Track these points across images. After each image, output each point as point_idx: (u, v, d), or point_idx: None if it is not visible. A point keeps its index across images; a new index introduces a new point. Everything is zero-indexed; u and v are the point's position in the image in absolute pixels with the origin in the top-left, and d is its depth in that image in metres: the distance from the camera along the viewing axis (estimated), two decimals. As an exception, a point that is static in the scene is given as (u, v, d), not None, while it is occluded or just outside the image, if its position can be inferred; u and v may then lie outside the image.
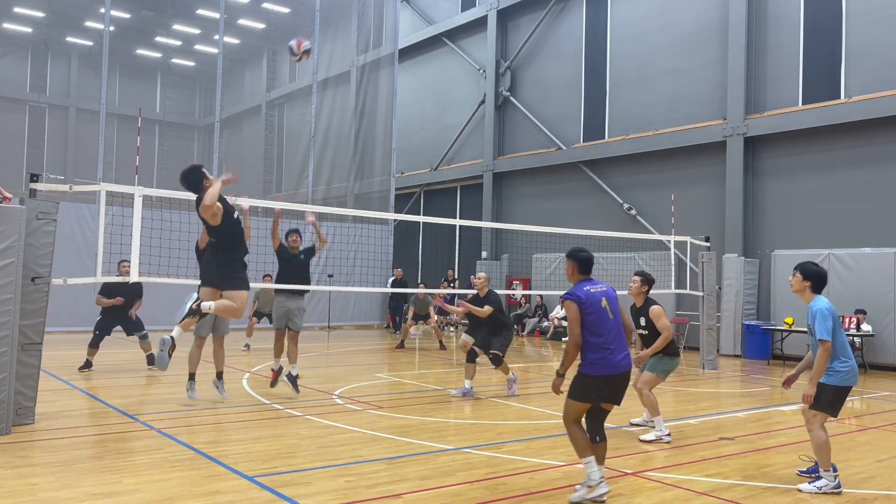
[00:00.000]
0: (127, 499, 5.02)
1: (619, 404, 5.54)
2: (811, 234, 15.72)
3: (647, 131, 18.97)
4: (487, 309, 9.78)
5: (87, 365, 11.36)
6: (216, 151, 22.58)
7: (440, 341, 16.68)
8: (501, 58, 23.60)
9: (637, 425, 7.96)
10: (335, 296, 21.69)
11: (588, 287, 5.44)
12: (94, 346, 11.43)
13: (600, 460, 5.30)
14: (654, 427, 7.48)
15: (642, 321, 7.73)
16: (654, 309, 7.68)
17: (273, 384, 9.72)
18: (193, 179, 6.92)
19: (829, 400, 5.70)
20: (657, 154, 18.83)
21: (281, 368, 9.62)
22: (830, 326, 5.66)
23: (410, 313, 17.03)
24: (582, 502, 5.15)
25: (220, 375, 9.00)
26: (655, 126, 18.82)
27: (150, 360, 11.86)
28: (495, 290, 10.33)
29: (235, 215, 7.18)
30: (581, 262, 5.57)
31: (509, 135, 23.42)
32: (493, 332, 9.88)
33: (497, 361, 9.81)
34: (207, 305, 6.71)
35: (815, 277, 6.06)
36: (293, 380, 9.24)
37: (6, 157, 27.74)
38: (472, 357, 9.82)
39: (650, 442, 7.26)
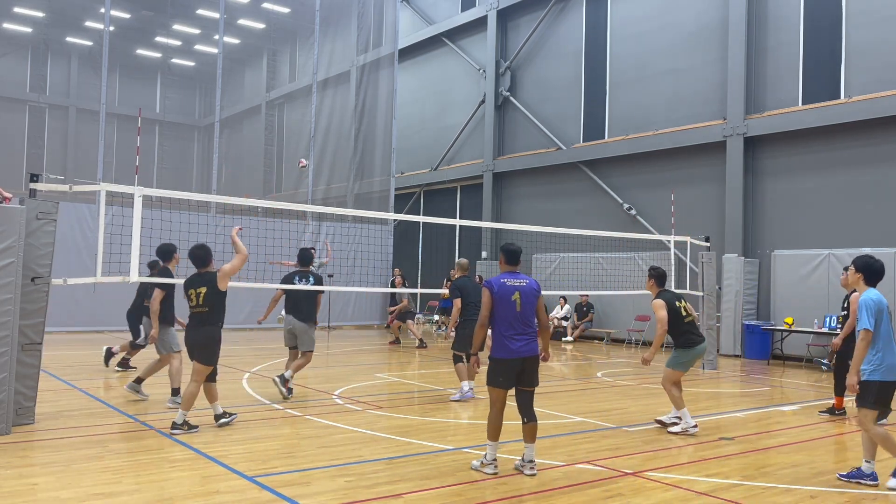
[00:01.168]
0: (127, 499, 5.02)
1: (532, 386, 5.98)
2: (811, 234, 15.72)
3: (647, 131, 18.97)
4: (455, 306, 9.32)
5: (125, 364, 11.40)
6: (216, 151, 22.58)
7: (419, 339, 16.53)
8: (501, 58, 23.60)
9: (661, 422, 8.08)
10: (335, 296, 21.68)
11: (505, 279, 5.99)
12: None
13: (529, 438, 5.90)
14: (680, 420, 7.79)
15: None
16: (654, 302, 7.88)
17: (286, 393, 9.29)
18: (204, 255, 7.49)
19: (872, 396, 5.73)
20: (657, 154, 18.83)
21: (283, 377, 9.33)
22: (872, 317, 5.70)
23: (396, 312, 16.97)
24: (478, 470, 5.89)
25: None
26: (655, 126, 18.82)
27: (107, 358, 11.74)
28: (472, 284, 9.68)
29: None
30: (508, 253, 6.14)
31: (509, 135, 23.42)
32: (461, 324, 9.38)
33: (455, 360, 9.53)
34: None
35: (865, 269, 6.07)
36: (284, 381, 9.11)
37: (6, 157, 27.74)
38: (456, 359, 9.58)
39: (677, 434, 7.64)
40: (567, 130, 21.39)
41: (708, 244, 15.12)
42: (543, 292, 6.38)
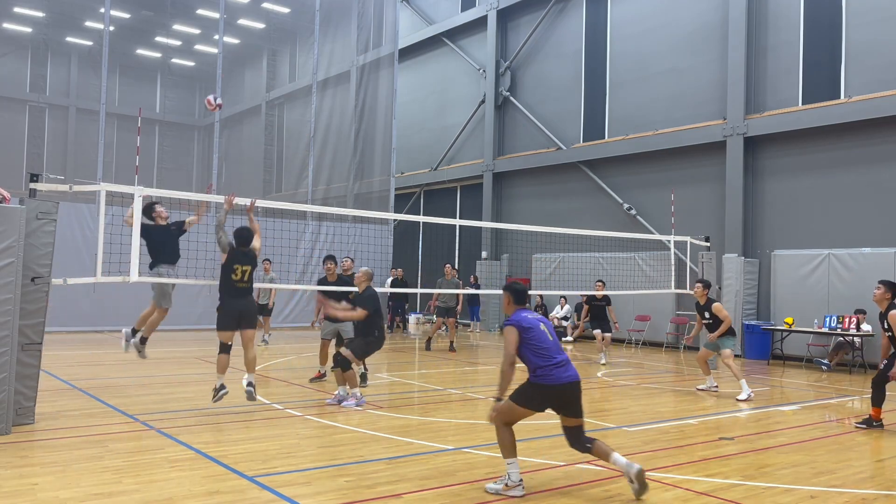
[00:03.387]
0: (127, 499, 5.02)
1: (577, 417, 5.60)
2: (811, 234, 15.72)
3: (647, 131, 18.97)
4: (360, 312, 8.68)
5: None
6: (216, 151, 22.57)
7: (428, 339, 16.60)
8: (501, 58, 23.60)
9: (701, 390, 10.71)
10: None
11: (526, 314, 5.74)
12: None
13: (604, 457, 5.46)
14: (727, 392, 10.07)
15: (706, 314, 10.67)
16: (716, 305, 10.62)
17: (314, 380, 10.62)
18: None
19: None
20: (657, 154, 18.83)
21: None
22: None
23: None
24: (501, 494, 5.37)
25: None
26: (655, 126, 18.82)
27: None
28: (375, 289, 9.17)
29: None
30: (515, 293, 5.91)
31: (509, 135, 23.42)
32: (362, 332, 8.87)
33: (343, 364, 8.67)
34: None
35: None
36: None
37: (6, 157, 27.72)
38: (347, 364, 8.73)
39: (744, 400, 9.88)
40: (567, 130, 21.39)
41: (708, 244, 15.13)
42: (543, 292, 6.42)
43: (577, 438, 5.55)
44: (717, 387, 10.72)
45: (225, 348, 8.10)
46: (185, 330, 19.49)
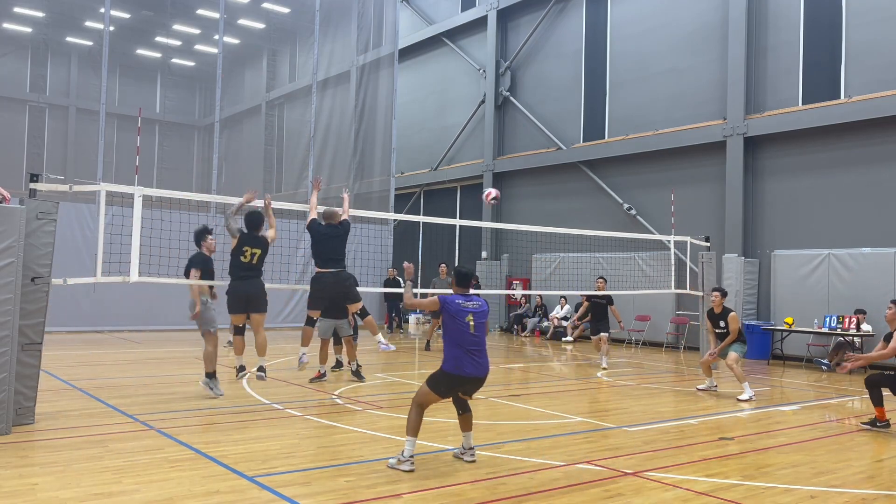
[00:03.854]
0: (127, 499, 5.02)
1: (471, 395, 6.32)
2: (811, 234, 15.72)
3: (647, 131, 18.97)
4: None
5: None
6: (216, 151, 22.57)
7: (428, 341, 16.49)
8: (501, 58, 23.60)
9: (701, 390, 10.79)
10: (335, 296, 21.66)
11: (460, 301, 6.10)
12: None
13: (466, 428, 6.29)
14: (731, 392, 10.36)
15: (721, 323, 10.63)
16: (732, 315, 10.56)
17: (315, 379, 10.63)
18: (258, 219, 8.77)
19: None
20: (657, 154, 18.83)
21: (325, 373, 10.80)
22: None
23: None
24: (395, 468, 5.88)
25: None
26: (655, 126, 18.82)
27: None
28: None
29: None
30: (458, 276, 6.31)
31: (509, 135, 23.42)
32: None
33: (364, 313, 9.89)
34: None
35: None
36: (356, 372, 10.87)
37: (6, 157, 27.70)
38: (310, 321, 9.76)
39: (745, 400, 9.96)
40: (567, 130, 21.39)
41: (708, 244, 15.13)
42: (543, 292, 6.57)
43: (461, 405, 6.29)
44: (716, 387, 10.85)
45: (238, 330, 8.44)
46: (185, 330, 19.49)
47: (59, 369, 11.15)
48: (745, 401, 9.95)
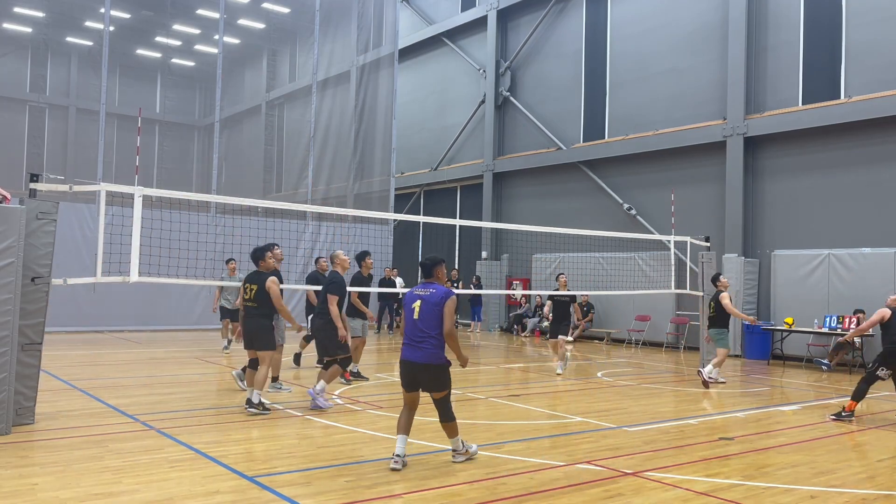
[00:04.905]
0: (127, 499, 5.02)
1: (432, 391, 6.13)
2: (811, 234, 15.72)
3: (647, 131, 18.97)
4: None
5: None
6: (216, 151, 22.57)
7: None
8: (501, 58, 23.60)
9: (712, 379, 11.51)
10: (335, 296, 21.64)
11: (417, 290, 6.28)
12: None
13: (447, 434, 6.26)
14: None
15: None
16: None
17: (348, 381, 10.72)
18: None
19: None
20: (657, 154, 18.83)
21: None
22: None
23: None
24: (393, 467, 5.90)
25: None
26: (655, 126, 18.82)
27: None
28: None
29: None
30: (421, 266, 6.59)
31: (509, 135, 23.42)
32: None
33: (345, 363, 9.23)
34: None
35: None
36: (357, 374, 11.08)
37: (6, 157, 27.71)
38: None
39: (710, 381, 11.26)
40: (567, 130, 21.39)
41: (708, 244, 15.11)
42: (543, 292, 6.58)
43: (441, 412, 6.17)
44: (724, 381, 11.69)
45: (251, 363, 8.64)
46: (186, 330, 19.50)
47: (59, 369, 11.15)
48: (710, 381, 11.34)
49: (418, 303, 6.15)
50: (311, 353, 11.85)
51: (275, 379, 9.91)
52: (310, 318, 10.83)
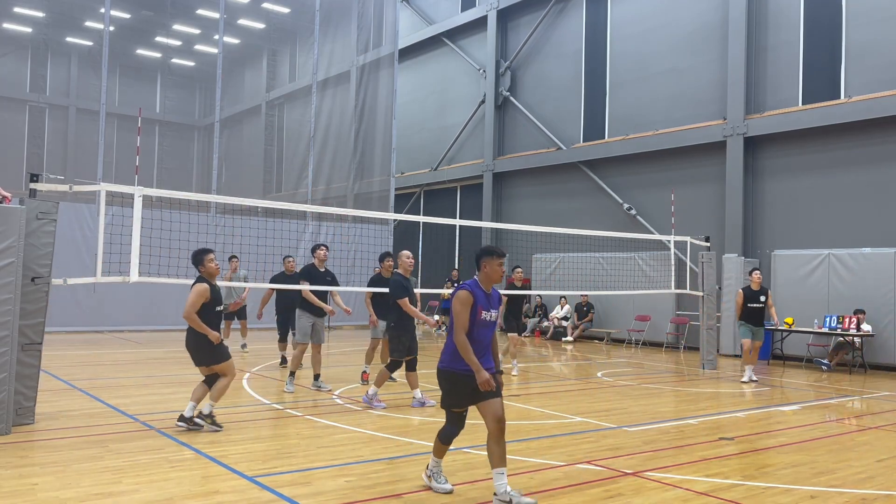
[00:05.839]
0: (127, 499, 5.02)
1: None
2: (811, 234, 15.72)
3: (647, 131, 18.97)
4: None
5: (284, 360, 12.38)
6: (216, 151, 22.57)
7: None
8: (501, 58, 23.60)
9: (745, 382, 11.78)
10: (335, 296, 21.67)
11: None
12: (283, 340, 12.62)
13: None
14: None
15: (761, 298, 12.02)
16: (769, 292, 12.14)
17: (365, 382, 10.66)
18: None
19: None
20: (657, 154, 18.83)
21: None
22: None
23: None
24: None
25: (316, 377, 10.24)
26: (655, 126, 18.82)
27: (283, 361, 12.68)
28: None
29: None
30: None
31: (509, 135, 23.42)
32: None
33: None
34: None
35: None
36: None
37: (6, 157, 27.72)
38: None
39: (745, 382, 11.66)
40: (567, 130, 21.39)
41: (708, 244, 15.12)
42: (543, 292, 6.35)
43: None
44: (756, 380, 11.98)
45: (207, 380, 7.44)
46: (186, 330, 19.48)
47: (59, 369, 11.15)
48: (745, 382, 11.59)
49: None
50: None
51: (316, 377, 10.15)
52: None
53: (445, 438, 5.40)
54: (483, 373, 5.03)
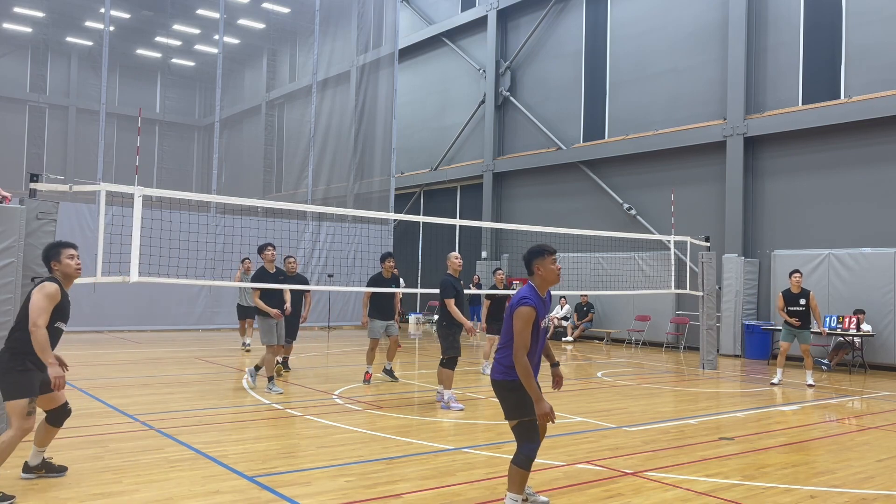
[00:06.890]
0: (127, 499, 5.02)
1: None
2: (811, 234, 15.72)
3: (647, 131, 18.97)
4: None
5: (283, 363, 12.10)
6: (216, 151, 22.58)
7: None
8: (501, 58, 23.60)
9: (774, 384, 11.80)
10: (335, 296, 21.70)
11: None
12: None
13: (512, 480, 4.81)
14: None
15: (802, 301, 11.63)
16: (811, 294, 11.71)
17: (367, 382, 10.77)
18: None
19: None
20: (657, 154, 18.83)
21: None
22: None
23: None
24: None
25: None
26: (655, 126, 18.82)
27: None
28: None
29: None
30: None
31: (509, 135, 23.42)
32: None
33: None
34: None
35: None
36: (389, 372, 11.22)
37: (6, 157, 27.73)
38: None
39: (811, 386, 11.63)
40: (567, 130, 21.39)
41: (708, 244, 15.12)
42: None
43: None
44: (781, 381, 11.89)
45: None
46: (185, 330, 19.51)
47: (59, 369, 11.13)
48: (811, 385, 11.67)
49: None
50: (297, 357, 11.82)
51: (257, 368, 10.17)
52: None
53: (526, 462, 4.61)
54: (544, 403, 4.50)
